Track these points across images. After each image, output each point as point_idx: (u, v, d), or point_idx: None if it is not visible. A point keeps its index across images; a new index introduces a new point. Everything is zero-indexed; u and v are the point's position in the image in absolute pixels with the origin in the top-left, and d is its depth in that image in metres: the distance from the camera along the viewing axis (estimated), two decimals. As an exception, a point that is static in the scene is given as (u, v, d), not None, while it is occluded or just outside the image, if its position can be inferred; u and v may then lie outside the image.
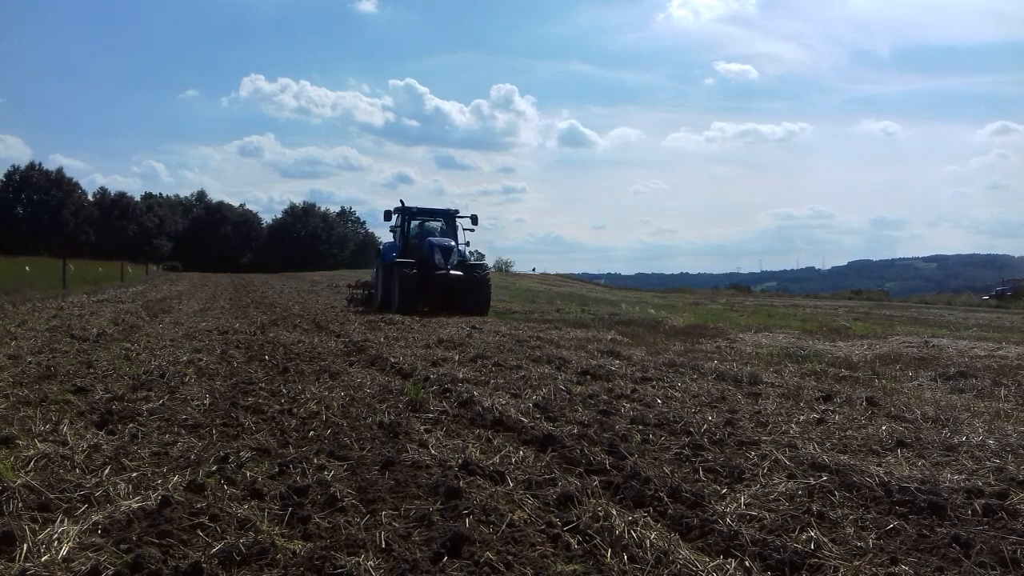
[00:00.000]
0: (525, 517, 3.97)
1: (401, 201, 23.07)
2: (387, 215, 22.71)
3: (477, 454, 5.15)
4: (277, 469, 4.78)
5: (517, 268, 68.07)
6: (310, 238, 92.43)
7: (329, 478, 4.55)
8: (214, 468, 4.75)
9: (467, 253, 22.02)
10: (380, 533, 3.67)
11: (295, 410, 6.61)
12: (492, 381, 8.20)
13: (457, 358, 10.06)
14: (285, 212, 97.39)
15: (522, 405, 6.74)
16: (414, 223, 22.68)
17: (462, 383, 7.88)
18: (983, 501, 4.08)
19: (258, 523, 3.84)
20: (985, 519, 3.88)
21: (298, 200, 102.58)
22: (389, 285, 20.78)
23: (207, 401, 6.87)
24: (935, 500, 4.09)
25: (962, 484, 4.41)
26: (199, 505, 4.01)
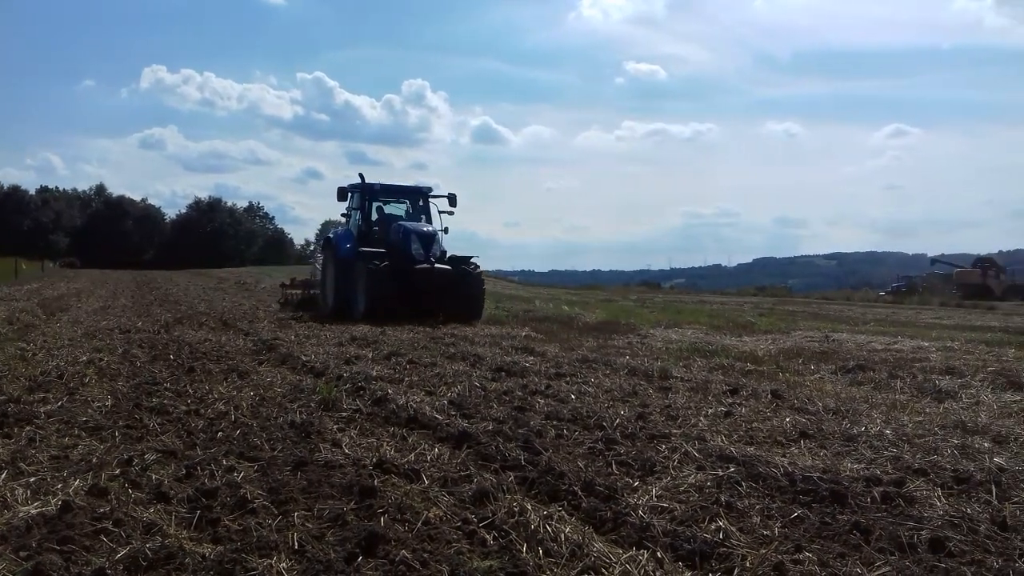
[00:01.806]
0: (441, 514, 3.96)
1: (361, 176, 18.22)
2: (342, 194, 18.31)
3: (392, 452, 5.11)
4: (184, 471, 4.64)
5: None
6: (216, 234, 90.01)
7: (239, 479, 4.45)
8: (117, 471, 4.59)
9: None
10: (293, 534, 3.61)
11: (202, 411, 6.44)
12: (407, 379, 8.15)
13: (371, 356, 9.97)
14: (190, 207, 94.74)
15: (437, 402, 6.72)
16: (376, 204, 18.32)
17: (376, 381, 7.82)
18: (881, 489, 4.26)
19: (165, 527, 3.73)
20: (883, 506, 4.05)
21: (203, 195, 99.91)
22: (348, 284, 16.66)
23: (109, 402, 6.63)
24: (836, 489, 4.25)
25: (861, 473, 4.59)
26: (102, 510, 3.87)
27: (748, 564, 3.35)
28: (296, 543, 3.52)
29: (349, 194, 18.41)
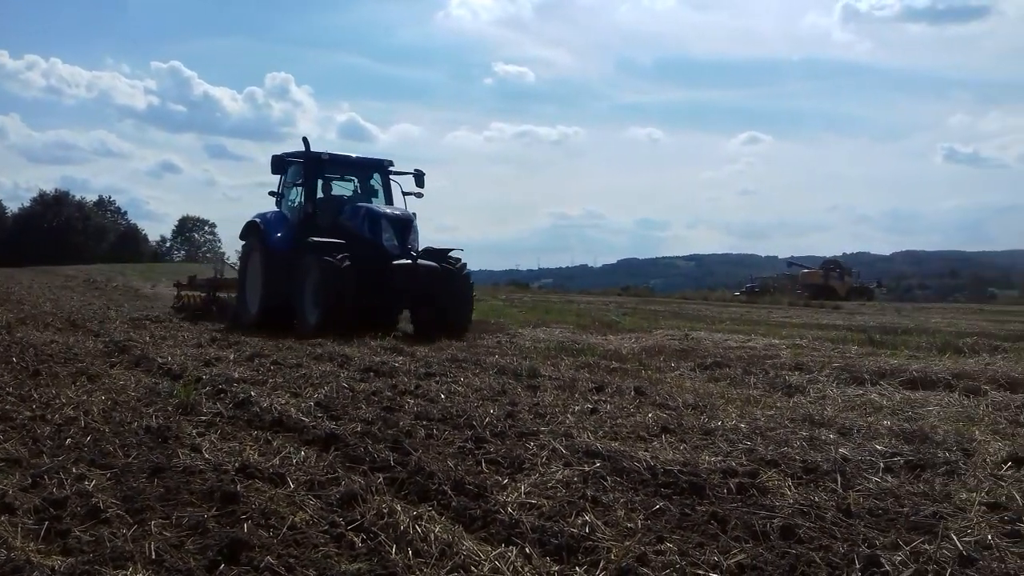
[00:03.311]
0: (307, 518, 3.88)
1: (304, 141, 14.40)
2: (278, 164, 14.34)
3: (255, 456, 4.97)
4: (30, 481, 4.35)
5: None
6: (63, 229, 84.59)
7: (91, 488, 4.21)
8: (-48, 484, 4.26)
9: None
10: (149, 543, 3.45)
11: (49, 416, 6.06)
12: (271, 380, 7.93)
13: (232, 357, 9.65)
14: (34, 200, 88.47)
15: (303, 404, 6.57)
16: (320, 181, 14.39)
17: (238, 383, 7.57)
18: (737, 480, 4.46)
19: (10, 539, 3.49)
20: (738, 496, 4.24)
21: (48, 188, 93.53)
22: (289, 285, 13.14)
23: (-58, 410, 6.14)
24: (695, 481, 4.43)
25: (718, 465, 4.79)
26: (-65, 525, 3.58)
27: (613, 556, 3.44)
28: (153, 553, 3.37)
29: (287, 166, 14.57)
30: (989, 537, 3.58)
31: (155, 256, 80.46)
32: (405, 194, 14.63)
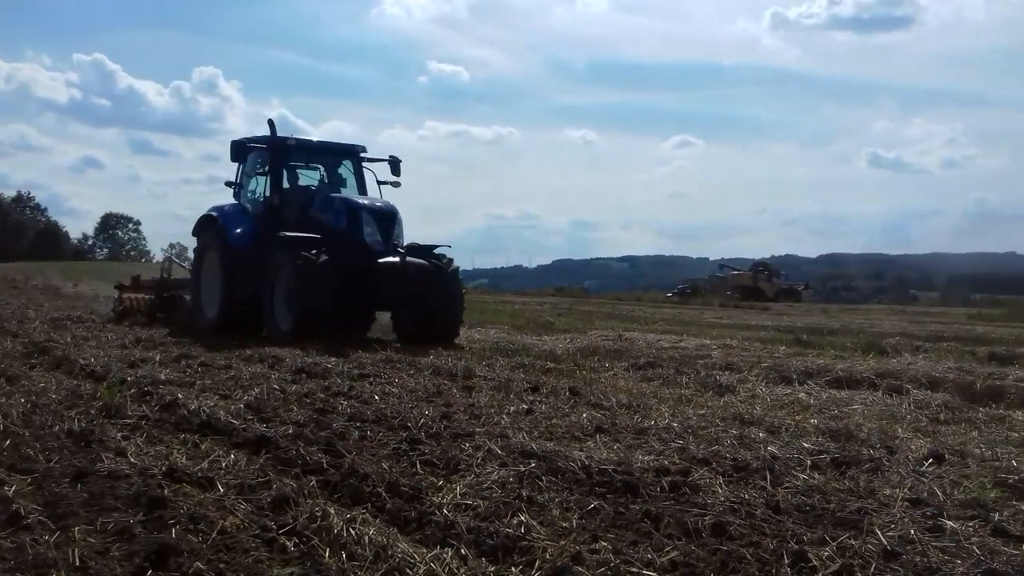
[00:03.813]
0: (238, 523, 3.80)
1: (270, 124, 13.06)
2: (238, 150, 12.99)
3: (183, 460, 4.84)
4: (-57, 488, 4.18)
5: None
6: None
7: (11, 494, 4.05)
8: None
9: None
10: (73, 550, 3.33)
11: (-36, 420, 5.81)
12: (199, 382, 7.75)
13: (158, 358, 9.40)
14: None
15: (232, 406, 6.43)
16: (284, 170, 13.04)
17: (164, 385, 7.37)
18: (669, 478, 4.51)
19: (-76, 549, 3.34)
20: (671, 495, 4.29)
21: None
22: (259, 287, 11.88)
23: None
24: (629, 480, 4.47)
25: (652, 464, 4.85)
26: None
27: (548, 556, 3.44)
28: (77, 559, 3.26)
29: (248, 152, 13.19)
30: (912, 532, 3.68)
31: (77, 254, 77.93)
32: (380, 183, 13.32)
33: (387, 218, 12.21)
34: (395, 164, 13.39)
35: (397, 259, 11.60)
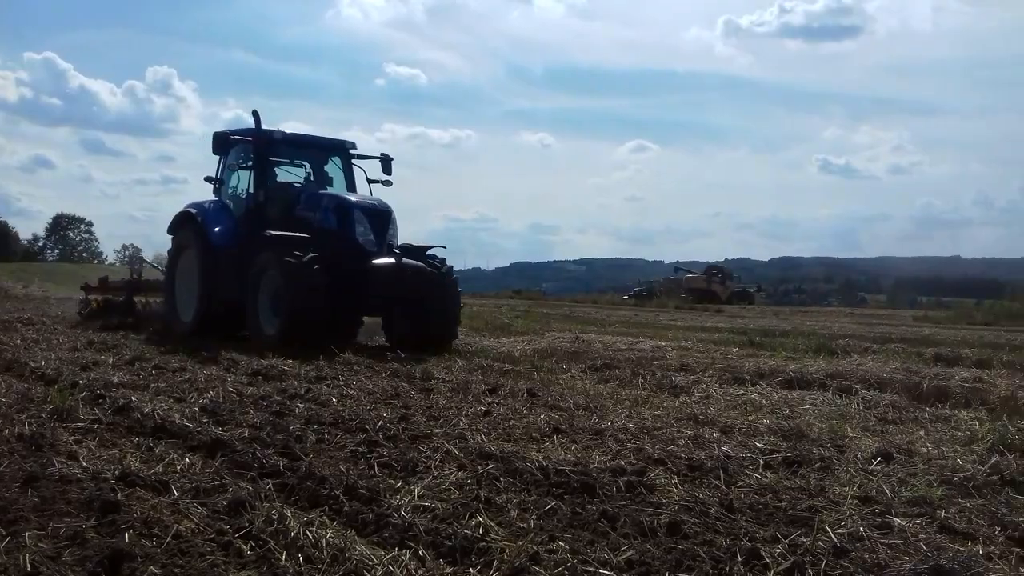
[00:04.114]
0: (193, 527, 3.76)
1: (255, 115, 12.22)
2: (220, 143, 12.27)
3: (137, 464, 4.78)
4: None
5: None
6: (-76, 226, 79.37)
7: (-43, 500, 3.97)
8: None
9: None
10: (24, 556, 3.27)
11: (-93, 425, 5.67)
12: (153, 385, 7.64)
13: (111, 361, 9.25)
14: None
15: (187, 409, 6.36)
16: (267, 165, 12.23)
17: (117, 388, 7.26)
18: (625, 478, 4.56)
19: None
20: (627, 494, 4.34)
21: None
22: (243, 289, 11.22)
23: None
24: (586, 480, 4.51)
25: (608, 464, 4.90)
26: None
27: (506, 557, 3.47)
28: (29, 565, 3.20)
29: (230, 145, 12.39)
30: (861, 529, 3.78)
31: (27, 255, 76.12)
32: (371, 182, 12.72)
33: (381, 217, 11.60)
34: (386, 162, 12.91)
35: (392, 260, 11.03)
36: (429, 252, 11.97)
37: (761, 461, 5.07)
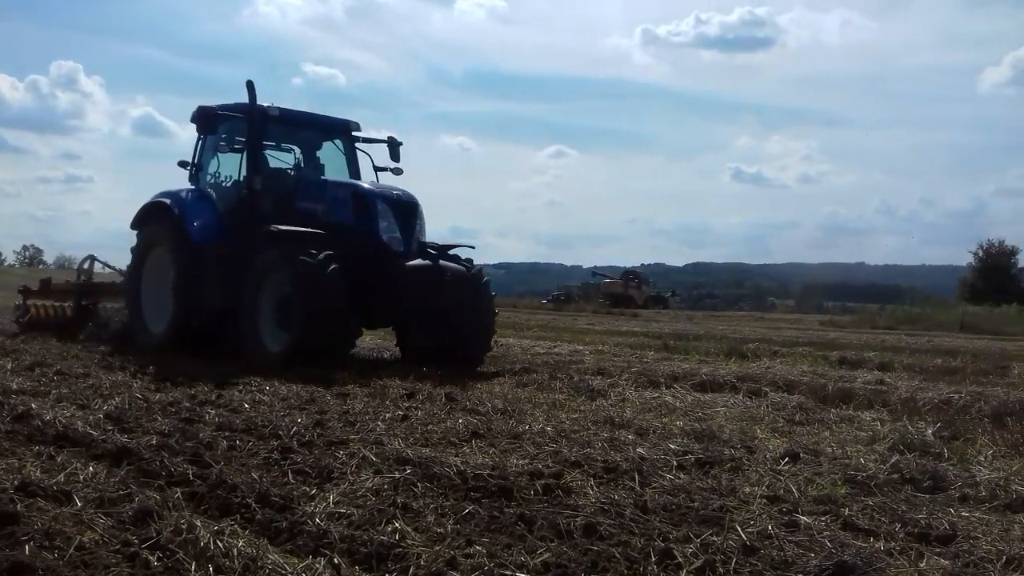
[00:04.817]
0: (97, 538, 3.62)
1: (249, 86, 10.01)
2: (205, 121, 10.30)
3: (37, 473, 4.57)
4: None
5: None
6: None
7: None
8: None
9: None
10: (-88, 573, 3.11)
11: None
12: (54, 391, 7.34)
13: (10, 366, 8.86)
14: None
15: (91, 417, 6.13)
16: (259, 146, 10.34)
17: (16, 395, 6.96)
18: (543, 482, 4.59)
19: None
20: (545, 497, 4.37)
21: None
22: (236, 295, 9.51)
23: None
24: (504, 484, 4.52)
25: (526, 468, 4.92)
26: None
27: (423, 562, 3.44)
28: (-85, 584, 3.04)
29: (217, 123, 10.34)
30: (769, 527, 3.88)
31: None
32: (377, 169, 10.93)
33: (407, 209, 9.75)
34: (394, 147, 11.06)
35: (428, 262, 9.46)
36: (452, 252, 10.22)
37: (675, 462, 5.17)
